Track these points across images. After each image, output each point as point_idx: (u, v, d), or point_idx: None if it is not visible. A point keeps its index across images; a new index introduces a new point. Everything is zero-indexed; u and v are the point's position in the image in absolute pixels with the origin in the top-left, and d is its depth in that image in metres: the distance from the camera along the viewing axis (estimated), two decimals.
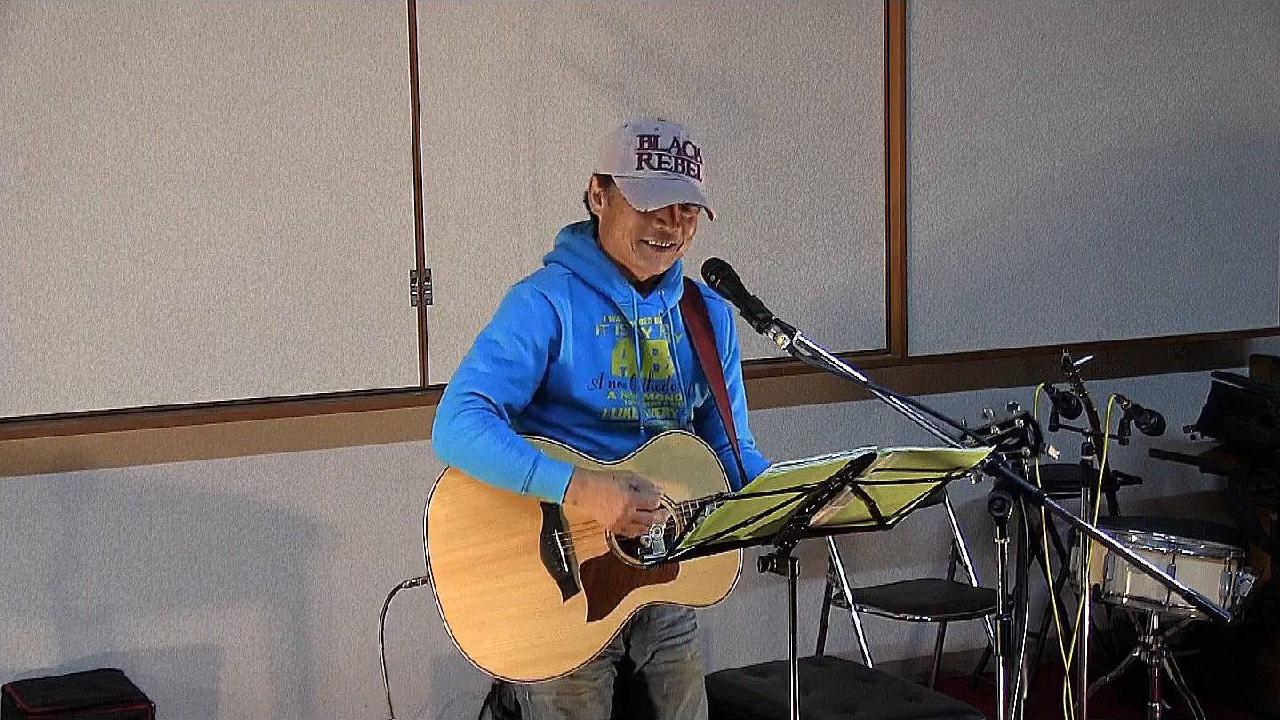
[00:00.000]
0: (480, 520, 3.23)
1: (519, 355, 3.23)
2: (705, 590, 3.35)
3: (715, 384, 3.40)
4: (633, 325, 3.32)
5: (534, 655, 3.23)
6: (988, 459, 3.02)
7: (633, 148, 3.27)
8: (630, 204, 3.25)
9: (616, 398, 3.31)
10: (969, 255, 5.68)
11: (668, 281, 3.38)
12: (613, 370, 3.31)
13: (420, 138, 4.87)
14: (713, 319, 3.45)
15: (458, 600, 3.21)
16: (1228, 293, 6.11)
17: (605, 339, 3.31)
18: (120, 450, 4.84)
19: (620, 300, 3.32)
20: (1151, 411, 4.67)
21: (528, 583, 3.23)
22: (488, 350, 3.25)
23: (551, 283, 3.30)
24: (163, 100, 4.59)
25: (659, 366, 3.36)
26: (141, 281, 4.61)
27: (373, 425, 5.12)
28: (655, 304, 3.36)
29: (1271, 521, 5.74)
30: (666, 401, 3.37)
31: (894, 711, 4.29)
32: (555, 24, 5.04)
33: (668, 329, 3.38)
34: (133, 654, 4.87)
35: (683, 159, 3.28)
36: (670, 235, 3.27)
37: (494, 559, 3.23)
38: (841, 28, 5.44)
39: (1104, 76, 5.84)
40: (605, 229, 3.33)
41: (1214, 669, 5.62)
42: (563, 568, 3.24)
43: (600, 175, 3.33)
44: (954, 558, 5.68)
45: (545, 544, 3.24)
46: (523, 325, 3.25)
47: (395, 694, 5.15)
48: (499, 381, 3.22)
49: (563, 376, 3.27)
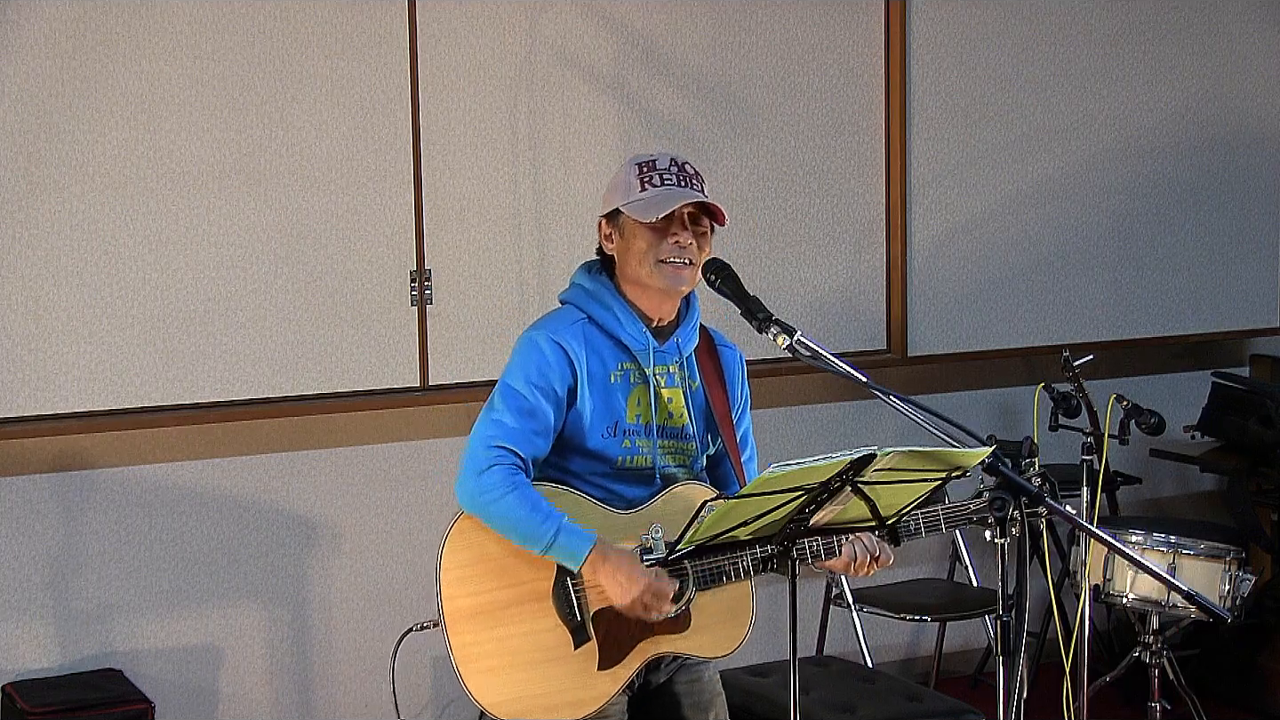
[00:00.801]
0: (493, 566, 3.23)
1: (540, 406, 3.22)
2: (718, 642, 3.34)
3: (726, 433, 3.39)
4: (649, 374, 3.31)
5: (543, 702, 3.22)
6: (988, 459, 3.01)
7: (632, 175, 3.28)
8: (640, 222, 3.24)
9: (631, 445, 3.30)
10: (969, 255, 5.68)
11: (684, 327, 3.36)
12: (628, 419, 3.30)
13: (420, 138, 4.87)
14: (725, 367, 3.43)
15: (469, 646, 3.22)
16: (1228, 293, 6.11)
17: (620, 386, 3.30)
18: (120, 450, 4.84)
19: (636, 348, 3.30)
20: (1151, 411, 4.67)
21: (539, 630, 3.23)
22: (512, 402, 3.22)
23: (566, 330, 3.28)
24: (163, 100, 4.59)
25: (673, 415, 3.35)
26: (141, 281, 4.61)
27: (373, 425, 5.12)
28: (671, 352, 3.35)
29: (1271, 521, 5.74)
30: (681, 449, 3.36)
31: (894, 711, 4.29)
32: (555, 24, 5.04)
33: (683, 376, 3.37)
34: (133, 654, 4.87)
35: (684, 175, 3.28)
36: (686, 249, 3.25)
37: (506, 605, 3.23)
38: (841, 28, 5.44)
39: (1104, 76, 5.84)
40: (622, 264, 3.31)
41: (1214, 669, 5.62)
42: (575, 616, 3.24)
43: (606, 215, 3.32)
44: (954, 558, 5.68)
45: (558, 592, 3.24)
46: (542, 375, 3.23)
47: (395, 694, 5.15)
48: (524, 435, 3.21)
49: (578, 425, 3.26)
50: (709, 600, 3.28)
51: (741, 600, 3.34)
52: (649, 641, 3.28)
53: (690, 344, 3.38)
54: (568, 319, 3.31)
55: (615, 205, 3.29)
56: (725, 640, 3.35)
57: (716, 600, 3.29)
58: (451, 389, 4.96)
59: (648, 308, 3.32)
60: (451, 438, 5.12)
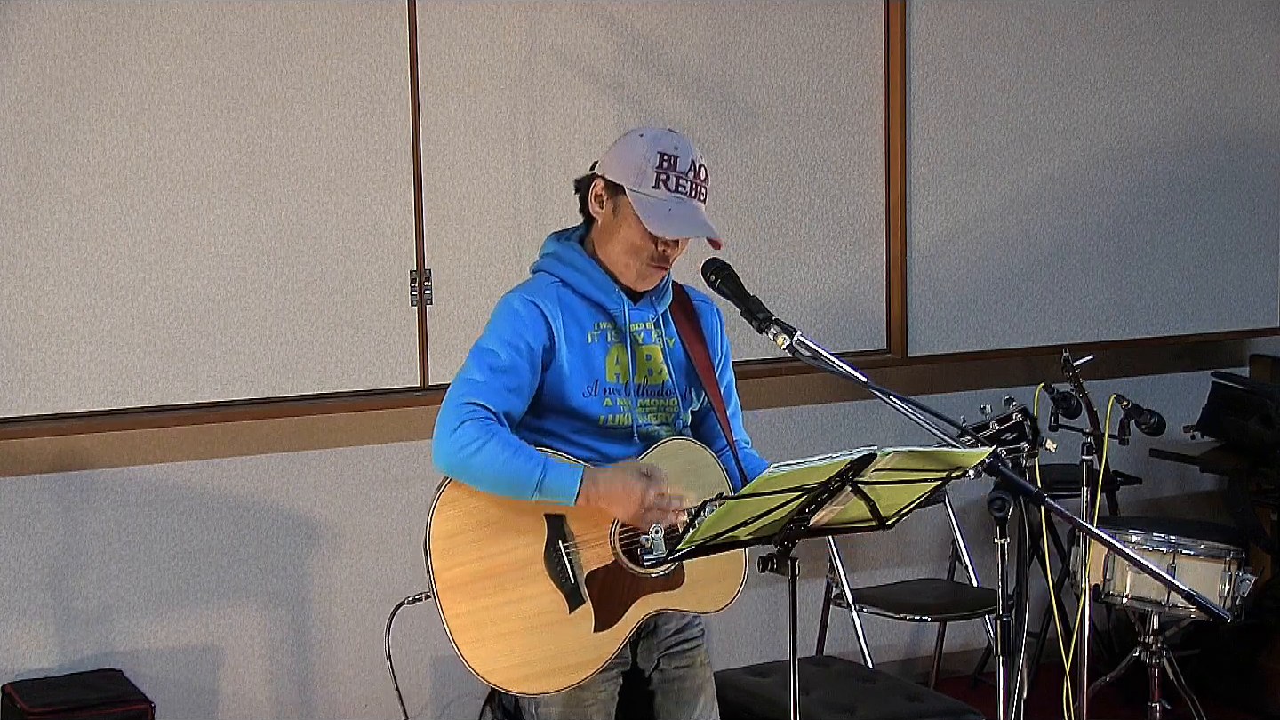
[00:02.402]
0: (483, 534, 3.21)
1: (515, 363, 3.21)
2: (711, 597, 3.35)
3: (710, 387, 3.39)
4: (625, 331, 3.31)
5: (542, 668, 3.21)
6: (988, 459, 3.02)
7: (651, 164, 3.23)
8: (641, 222, 3.23)
9: (613, 404, 3.30)
10: (969, 255, 5.68)
11: (657, 286, 3.37)
12: (607, 377, 3.30)
13: (420, 138, 4.88)
14: (703, 323, 3.44)
15: (463, 616, 3.20)
16: (1228, 293, 6.11)
17: (598, 346, 3.30)
18: (120, 450, 4.84)
19: (611, 306, 3.31)
20: (1151, 411, 4.67)
21: (533, 595, 3.22)
22: (484, 360, 3.22)
23: (541, 291, 3.28)
24: (163, 100, 4.60)
25: (653, 372, 3.35)
26: (141, 281, 4.61)
27: (373, 425, 5.12)
28: (646, 309, 3.36)
29: (1271, 521, 5.74)
30: (662, 407, 3.36)
31: (894, 711, 4.29)
32: (555, 24, 5.04)
33: (660, 334, 3.37)
34: (133, 654, 4.87)
35: (697, 183, 3.26)
36: (669, 259, 3.28)
37: (498, 572, 3.21)
38: (841, 28, 5.44)
39: (1104, 76, 5.84)
40: (603, 235, 3.31)
41: (1214, 669, 5.62)
42: (568, 579, 3.23)
43: (609, 181, 3.28)
44: (954, 558, 5.68)
45: (550, 555, 3.23)
46: (515, 333, 3.23)
47: (394, 695, 5.15)
48: (497, 390, 3.20)
49: (558, 384, 3.26)
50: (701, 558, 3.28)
51: (734, 554, 3.31)
52: (643, 600, 3.28)
53: (664, 301, 3.39)
54: (542, 283, 3.32)
55: (622, 182, 3.25)
56: (718, 595, 3.35)
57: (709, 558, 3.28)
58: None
59: (620, 272, 3.32)
60: None
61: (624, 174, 3.25)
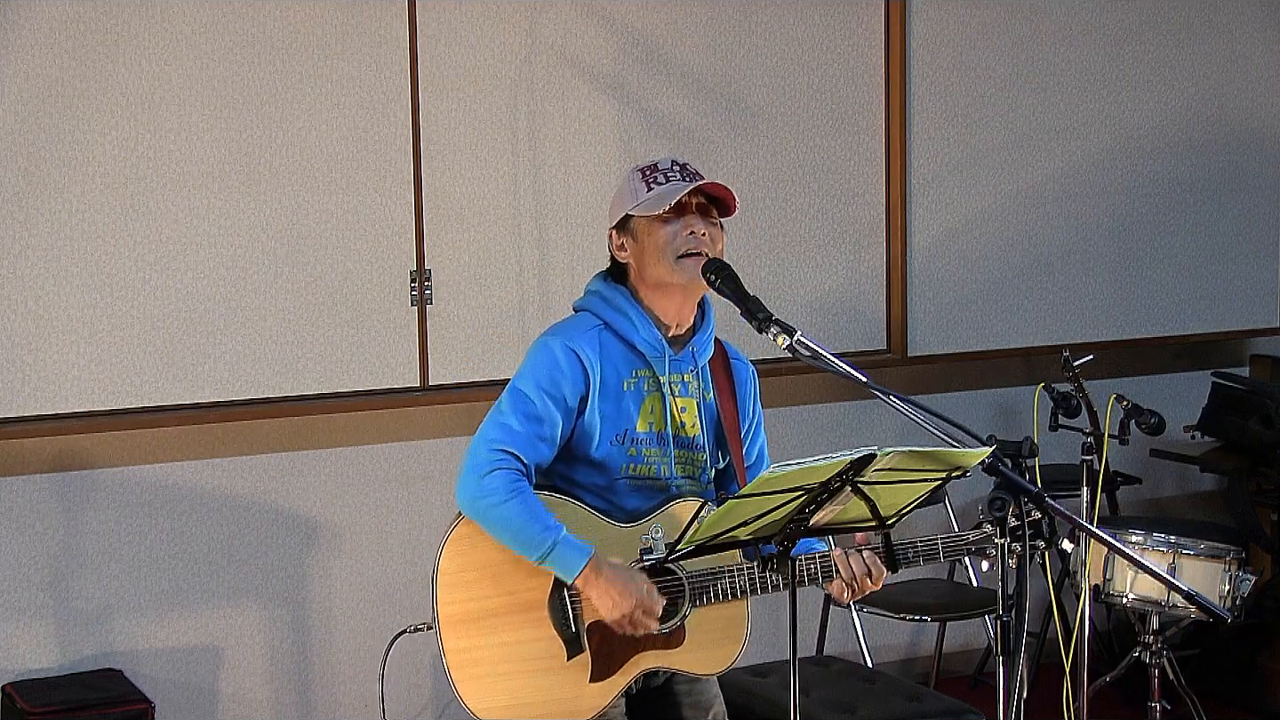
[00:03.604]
0: (490, 574, 3.22)
1: (549, 413, 3.21)
2: (710, 660, 3.34)
3: (734, 448, 3.39)
4: (662, 381, 3.31)
5: (535, 711, 3.22)
6: (987, 459, 3.01)
7: (636, 180, 3.28)
8: (653, 218, 3.23)
9: (638, 454, 3.29)
10: (969, 255, 5.68)
11: (700, 335, 3.35)
12: (638, 427, 3.29)
13: (420, 138, 4.87)
14: (736, 381, 3.43)
15: (463, 652, 3.21)
16: (1228, 293, 6.11)
17: (633, 395, 3.29)
18: (120, 450, 4.84)
19: (651, 355, 3.29)
20: (1151, 411, 4.67)
21: (533, 639, 3.23)
22: (519, 406, 3.21)
23: (581, 336, 3.26)
24: (163, 101, 4.60)
25: (686, 425, 3.34)
26: (141, 281, 4.61)
27: (373, 425, 5.12)
28: (687, 360, 3.34)
29: (1271, 521, 5.74)
30: (691, 460, 3.36)
31: (894, 711, 4.29)
32: (555, 24, 5.04)
33: (698, 386, 3.36)
34: (133, 654, 4.87)
35: (686, 172, 3.29)
36: (701, 238, 3.24)
37: (501, 613, 3.22)
38: (841, 28, 5.44)
39: (1104, 76, 5.84)
40: (640, 268, 3.29)
41: (1214, 669, 5.62)
42: (569, 627, 3.23)
43: (616, 225, 3.31)
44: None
45: (554, 602, 3.23)
46: (553, 382, 3.22)
47: (395, 695, 5.15)
48: (530, 440, 3.20)
49: (586, 433, 3.25)
50: (704, 616, 3.29)
51: (737, 618, 3.34)
52: (641, 656, 3.28)
53: (706, 353, 3.37)
54: (584, 325, 3.29)
55: (624, 212, 3.28)
56: (717, 659, 3.34)
57: (711, 617, 3.30)
58: (451, 389, 4.96)
59: (665, 311, 3.30)
60: (451, 438, 5.12)
61: (622, 207, 3.30)
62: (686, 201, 3.25)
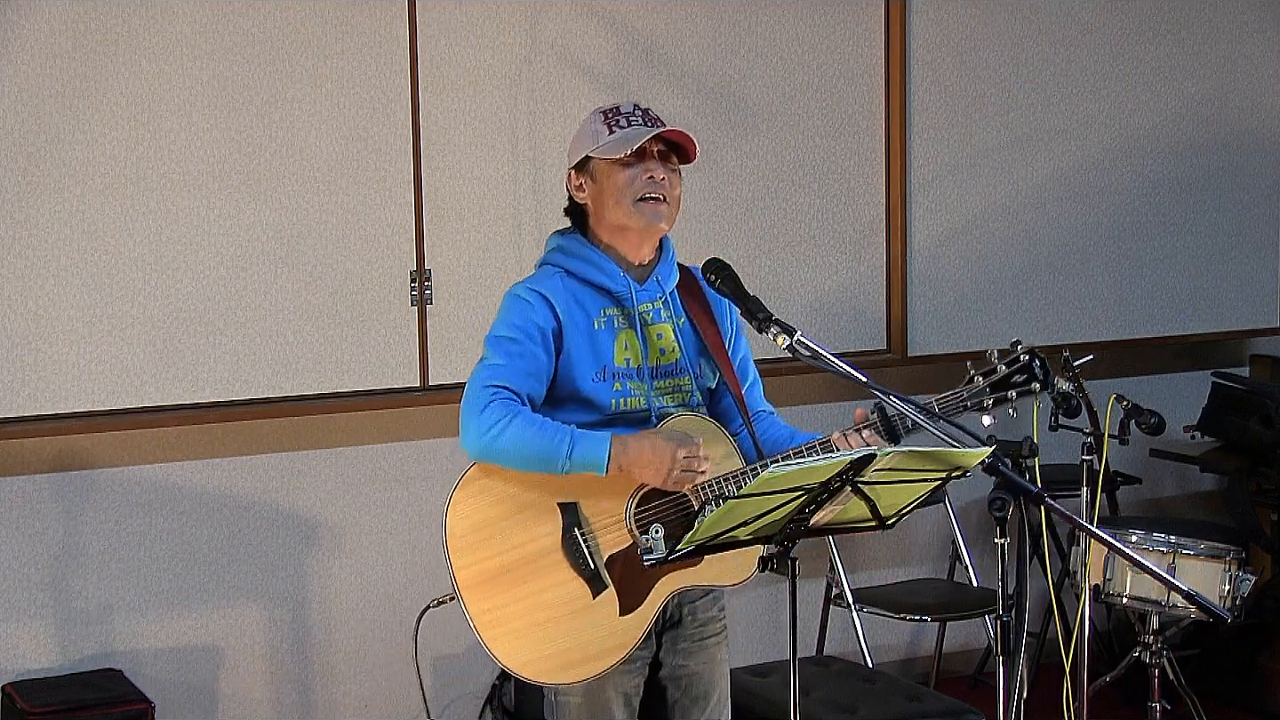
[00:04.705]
0: (498, 530, 3.22)
1: (530, 348, 3.24)
2: (733, 569, 3.33)
3: (722, 362, 3.41)
4: (633, 313, 3.32)
5: (573, 657, 3.21)
6: (988, 459, 3.01)
7: (598, 122, 3.32)
8: (612, 161, 3.26)
9: (623, 388, 3.31)
10: (969, 255, 5.68)
11: (663, 264, 3.39)
12: (616, 362, 3.31)
13: (420, 138, 4.88)
14: (710, 300, 3.45)
15: (488, 612, 3.20)
16: (1228, 293, 6.11)
17: (605, 332, 3.31)
18: (120, 450, 4.84)
19: (617, 289, 3.32)
20: (1151, 411, 4.67)
21: (555, 585, 3.22)
22: (500, 346, 3.25)
23: (546, 281, 3.31)
24: (163, 101, 4.59)
25: (665, 351, 3.37)
26: (141, 281, 4.61)
27: (373, 425, 5.12)
28: (653, 289, 3.37)
29: (1271, 521, 5.74)
30: (676, 387, 3.37)
31: (894, 711, 4.29)
32: (555, 24, 5.04)
33: (669, 313, 3.39)
34: (133, 654, 4.87)
35: (648, 116, 3.33)
36: (660, 183, 3.28)
37: (518, 566, 3.22)
38: (841, 28, 5.44)
39: (1104, 76, 5.84)
40: (598, 210, 3.33)
41: (1214, 669, 5.62)
42: (588, 565, 3.23)
43: (576, 165, 3.35)
44: (954, 558, 5.68)
45: (567, 543, 3.24)
46: (525, 318, 3.26)
47: (394, 695, 5.16)
48: (518, 373, 3.23)
49: (567, 371, 3.28)
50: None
51: None
52: (666, 579, 3.28)
53: (670, 280, 3.40)
54: (546, 274, 3.34)
55: (584, 153, 3.31)
56: (740, 568, 3.33)
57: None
58: (451, 389, 4.95)
59: (626, 250, 3.34)
60: (451, 438, 5.08)
61: (581, 148, 3.33)
62: (647, 147, 3.28)
